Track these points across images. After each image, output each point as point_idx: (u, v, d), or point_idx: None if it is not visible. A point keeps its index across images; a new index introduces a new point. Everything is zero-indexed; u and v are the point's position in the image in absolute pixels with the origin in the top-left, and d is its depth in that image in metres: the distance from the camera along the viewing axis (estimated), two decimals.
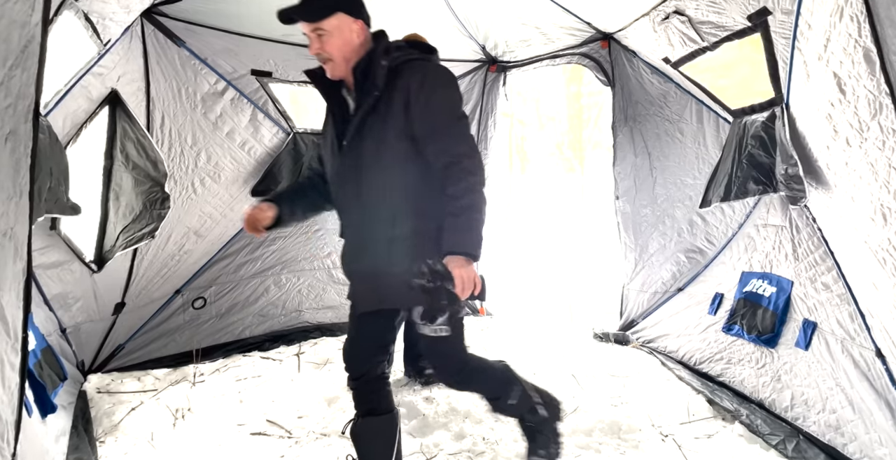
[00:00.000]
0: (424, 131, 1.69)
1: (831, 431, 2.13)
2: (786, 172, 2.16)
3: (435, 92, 1.72)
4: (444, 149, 1.69)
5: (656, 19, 2.89)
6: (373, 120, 1.70)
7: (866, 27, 1.62)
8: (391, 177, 1.72)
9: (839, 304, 2.19)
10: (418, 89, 1.68)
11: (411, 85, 1.69)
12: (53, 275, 2.66)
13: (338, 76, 1.77)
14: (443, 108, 1.73)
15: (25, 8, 1.05)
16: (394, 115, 1.69)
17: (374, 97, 1.70)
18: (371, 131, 1.71)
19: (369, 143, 1.72)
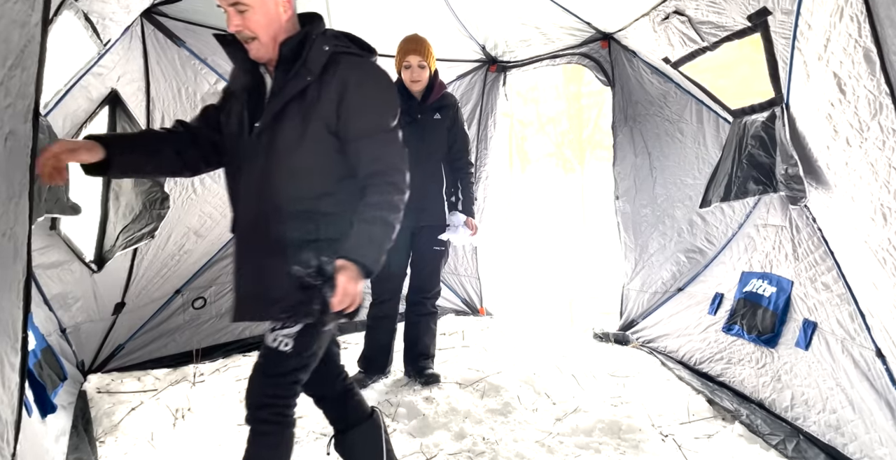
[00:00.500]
0: (356, 133, 1.55)
1: (831, 431, 2.13)
2: (786, 172, 2.16)
3: (375, 93, 1.58)
4: (376, 157, 1.55)
5: (656, 19, 2.89)
6: (296, 107, 1.53)
7: (866, 27, 1.62)
8: (306, 173, 1.55)
9: (839, 304, 2.19)
10: (357, 86, 1.54)
11: (349, 79, 1.53)
12: (53, 275, 2.66)
13: (263, 58, 1.56)
14: (380, 113, 1.59)
15: (25, 8, 1.05)
16: (323, 107, 1.52)
17: (305, 83, 1.52)
18: (291, 120, 1.53)
19: (288, 133, 1.54)
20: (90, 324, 3.01)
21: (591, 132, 11.61)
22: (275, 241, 1.53)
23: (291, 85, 1.53)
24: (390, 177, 1.55)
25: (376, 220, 1.49)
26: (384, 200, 1.52)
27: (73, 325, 2.86)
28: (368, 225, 1.49)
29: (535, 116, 13.13)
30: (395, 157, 1.58)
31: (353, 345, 3.80)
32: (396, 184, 1.55)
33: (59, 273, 2.70)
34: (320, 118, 1.53)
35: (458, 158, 3.02)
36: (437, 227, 2.96)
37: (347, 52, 1.58)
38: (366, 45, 1.68)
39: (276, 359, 1.58)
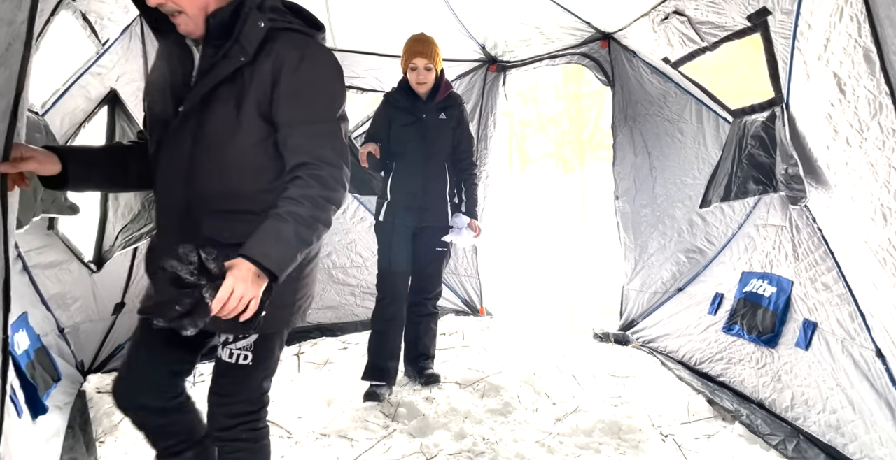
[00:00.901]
0: (286, 121, 1.35)
1: (832, 431, 2.13)
2: (786, 172, 2.16)
3: (316, 76, 1.37)
4: (304, 148, 1.35)
5: (656, 19, 2.89)
6: (228, 91, 1.34)
7: (866, 27, 1.62)
8: (241, 167, 1.37)
9: (839, 304, 2.19)
10: (294, 67, 1.34)
11: (286, 59, 1.34)
12: (51, 275, 2.65)
13: (194, 34, 1.36)
14: (319, 99, 1.38)
15: (12, 6, 1.04)
16: (257, 89, 1.34)
17: (238, 63, 1.33)
18: (223, 105, 1.34)
19: (219, 119, 1.35)
20: (89, 324, 3.00)
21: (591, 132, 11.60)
22: (209, 240, 1.32)
23: (222, 65, 1.34)
24: (317, 170, 1.33)
25: (289, 217, 1.28)
26: (304, 195, 1.31)
27: (71, 325, 2.85)
28: (278, 221, 1.28)
29: (535, 116, 13.13)
30: (325, 149, 1.36)
31: (352, 344, 3.80)
32: (322, 178, 1.33)
33: (57, 273, 2.69)
34: (254, 104, 1.34)
35: (462, 159, 2.98)
36: (440, 228, 2.91)
37: (288, 28, 1.39)
38: (313, 20, 1.49)
39: (237, 376, 1.45)
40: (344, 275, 4.21)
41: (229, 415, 1.49)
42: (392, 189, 2.88)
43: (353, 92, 3.93)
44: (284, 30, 1.38)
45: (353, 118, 4.17)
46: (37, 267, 2.53)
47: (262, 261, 1.22)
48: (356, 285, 4.24)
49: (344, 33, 3.60)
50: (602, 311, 4.34)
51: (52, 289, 2.66)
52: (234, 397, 1.49)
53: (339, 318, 4.08)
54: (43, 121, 2.22)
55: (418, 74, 2.82)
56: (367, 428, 2.58)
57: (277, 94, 1.35)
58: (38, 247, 2.55)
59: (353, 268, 4.20)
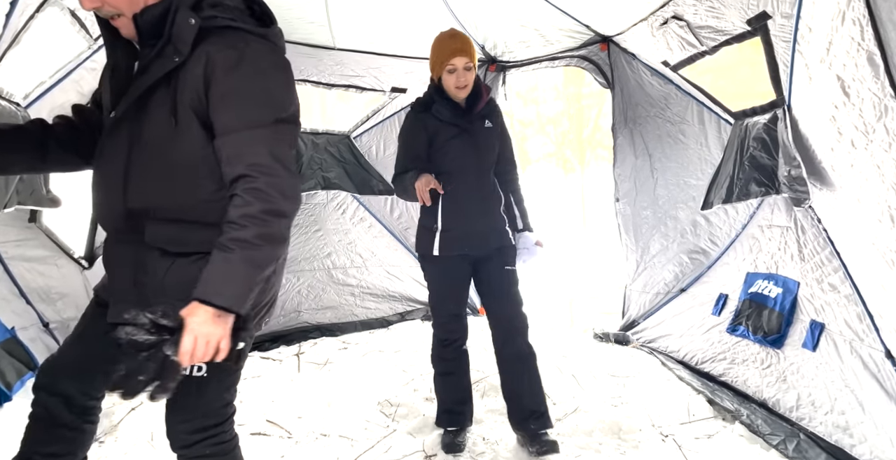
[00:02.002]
0: (222, 126, 1.24)
1: (839, 432, 2.13)
2: (788, 174, 2.16)
3: (252, 78, 1.25)
4: (239, 157, 1.22)
5: (655, 24, 2.89)
6: (164, 94, 1.25)
7: (869, 30, 1.63)
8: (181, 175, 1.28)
9: (847, 305, 2.19)
10: (228, 69, 1.23)
11: (219, 59, 1.23)
12: (32, 269, 2.61)
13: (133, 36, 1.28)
14: (255, 101, 1.25)
15: None
16: (190, 92, 1.24)
17: (172, 64, 1.23)
18: (159, 108, 1.26)
19: (155, 124, 1.26)
20: None
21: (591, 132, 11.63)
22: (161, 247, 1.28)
23: (156, 65, 1.24)
24: (253, 183, 1.20)
25: (234, 245, 1.17)
26: (244, 215, 1.19)
27: (58, 321, 2.80)
28: (224, 252, 1.17)
29: (536, 116, 13.14)
30: (260, 157, 1.22)
31: (352, 344, 3.80)
32: (260, 191, 1.20)
33: (39, 267, 2.64)
34: (190, 108, 1.24)
35: (508, 169, 2.58)
36: (505, 249, 2.46)
37: (226, 26, 1.27)
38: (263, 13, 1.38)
39: (194, 389, 1.32)
40: (344, 275, 4.20)
41: (189, 431, 1.37)
42: (445, 216, 2.37)
43: (354, 91, 3.93)
44: (221, 28, 1.27)
45: (353, 117, 4.17)
46: (15, 259, 2.49)
47: (215, 301, 1.14)
48: (356, 285, 4.23)
49: (343, 33, 3.60)
50: (602, 311, 4.35)
51: (32, 283, 2.61)
52: (193, 412, 1.37)
53: (339, 318, 4.08)
54: (23, 112, 2.19)
55: (458, 77, 2.34)
56: (367, 428, 2.58)
57: (211, 98, 1.24)
58: (16, 239, 2.51)
59: (353, 268, 4.20)
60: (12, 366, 2.19)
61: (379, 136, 4.27)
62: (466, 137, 2.39)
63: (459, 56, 2.33)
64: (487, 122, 2.45)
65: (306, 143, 3.95)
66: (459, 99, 2.40)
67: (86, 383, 1.42)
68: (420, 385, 3.05)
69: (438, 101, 2.40)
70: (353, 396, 2.89)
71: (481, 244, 2.39)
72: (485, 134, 2.43)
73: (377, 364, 3.40)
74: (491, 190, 2.46)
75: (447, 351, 2.47)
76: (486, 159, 2.44)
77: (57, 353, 1.47)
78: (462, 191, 2.37)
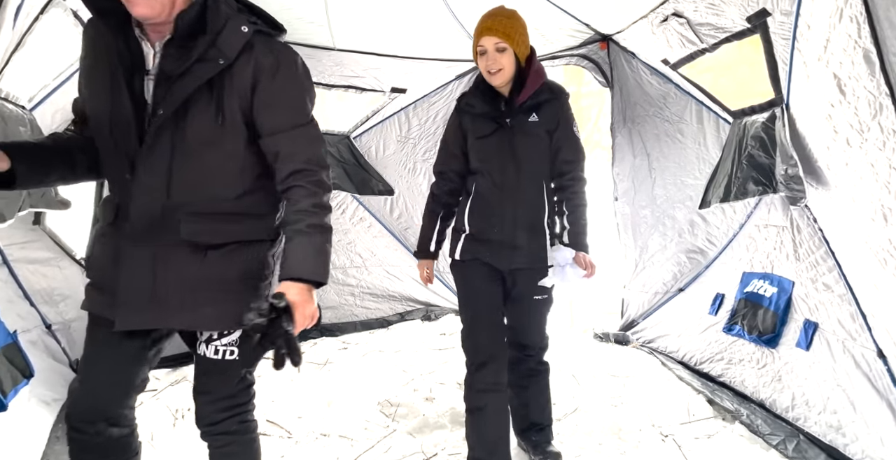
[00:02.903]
0: (271, 128, 1.37)
1: (833, 431, 2.13)
2: (786, 173, 2.17)
3: (290, 82, 1.39)
4: (297, 154, 1.37)
5: (655, 22, 2.89)
6: (207, 95, 1.32)
7: (866, 28, 1.63)
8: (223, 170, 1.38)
9: (840, 305, 2.19)
10: (273, 73, 1.35)
11: (264, 65, 1.34)
12: (36, 271, 2.62)
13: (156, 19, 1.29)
14: (297, 104, 1.40)
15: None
16: (238, 95, 1.33)
17: (218, 67, 1.30)
18: (204, 109, 1.32)
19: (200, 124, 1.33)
20: (82, 322, 2.97)
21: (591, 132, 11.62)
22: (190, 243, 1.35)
23: (200, 68, 1.30)
24: (315, 176, 1.38)
25: (315, 229, 1.34)
26: (315, 204, 1.36)
27: (61, 322, 2.82)
28: (307, 236, 1.33)
29: None
30: (316, 153, 1.40)
31: (352, 344, 3.81)
32: (323, 182, 1.39)
33: (42, 268, 2.65)
34: (237, 109, 1.34)
35: (564, 173, 2.14)
36: (537, 271, 2.12)
37: (261, 32, 1.38)
38: (274, 21, 1.47)
39: (223, 372, 1.46)
40: (344, 275, 4.21)
41: (218, 411, 1.50)
42: (470, 218, 2.13)
43: (353, 92, 3.94)
44: (259, 33, 1.37)
45: (353, 118, 4.17)
46: (19, 261, 2.51)
47: (310, 277, 1.31)
48: (356, 285, 4.24)
49: (343, 33, 3.60)
50: (602, 311, 4.34)
51: (36, 285, 2.63)
52: (222, 392, 1.50)
53: (338, 318, 4.08)
54: (29, 115, 2.20)
55: (487, 60, 2.02)
56: (367, 428, 2.58)
57: (258, 101, 1.35)
58: (21, 241, 2.52)
59: (353, 268, 4.21)
60: (10, 374, 2.20)
61: (379, 137, 4.28)
62: (503, 134, 2.07)
63: (488, 35, 2.00)
64: (534, 116, 2.08)
65: None
66: (498, 86, 2.08)
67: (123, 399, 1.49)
68: (420, 385, 3.06)
69: (473, 92, 2.15)
70: (353, 396, 2.89)
71: (507, 258, 2.08)
72: (527, 129, 2.08)
73: (377, 364, 3.40)
74: (530, 197, 2.10)
75: (476, 379, 2.06)
76: (527, 160, 2.08)
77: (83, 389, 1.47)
78: (492, 195, 2.09)
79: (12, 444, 1.96)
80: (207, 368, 1.48)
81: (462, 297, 2.20)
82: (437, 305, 4.43)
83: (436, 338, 3.89)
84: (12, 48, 1.93)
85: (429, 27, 3.58)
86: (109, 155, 1.38)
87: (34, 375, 2.40)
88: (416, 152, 4.33)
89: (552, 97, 2.11)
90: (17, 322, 2.44)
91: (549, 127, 2.11)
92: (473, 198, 2.14)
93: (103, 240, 1.43)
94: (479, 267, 2.11)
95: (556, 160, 2.14)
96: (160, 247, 1.35)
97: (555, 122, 2.11)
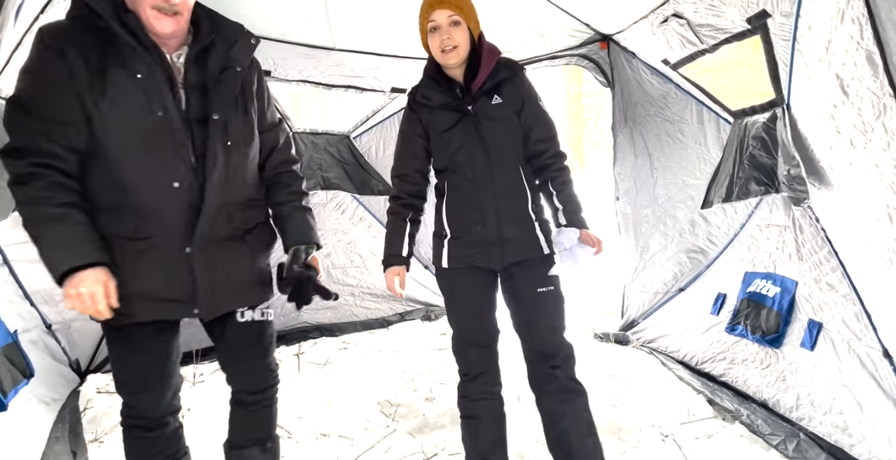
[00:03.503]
0: (269, 124, 1.69)
1: (838, 432, 2.13)
2: (788, 173, 2.16)
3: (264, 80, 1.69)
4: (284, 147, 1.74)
5: (655, 22, 2.89)
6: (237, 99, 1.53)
7: (868, 29, 1.63)
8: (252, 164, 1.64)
9: (844, 304, 2.19)
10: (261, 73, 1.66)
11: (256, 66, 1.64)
12: (36, 270, 2.62)
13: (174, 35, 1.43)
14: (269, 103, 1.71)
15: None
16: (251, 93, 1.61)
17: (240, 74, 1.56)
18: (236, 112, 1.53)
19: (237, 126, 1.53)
20: (83, 323, 2.97)
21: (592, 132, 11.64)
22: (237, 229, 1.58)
23: (228, 76, 1.52)
24: (296, 164, 1.77)
25: (306, 206, 1.74)
26: (301, 186, 1.76)
27: (61, 322, 2.82)
28: (304, 212, 1.72)
29: None
30: (291, 146, 1.78)
31: (352, 344, 3.81)
32: (299, 169, 1.79)
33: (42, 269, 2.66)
34: (253, 109, 1.60)
35: (540, 152, 1.96)
36: (536, 262, 1.93)
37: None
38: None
39: (265, 330, 1.71)
40: (343, 275, 4.21)
41: (269, 368, 1.74)
42: (449, 219, 1.96)
43: (353, 92, 3.93)
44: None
45: (353, 118, 4.17)
46: (20, 261, 2.51)
47: (318, 241, 1.72)
48: (356, 285, 4.24)
49: (343, 33, 3.59)
50: (602, 311, 4.34)
51: (37, 285, 2.63)
52: (269, 348, 1.73)
53: (338, 318, 4.08)
54: None
55: (441, 36, 1.83)
56: (367, 428, 2.58)
57: (256, 98, 1.62)
58: (21, 241, 2.50)
59: (353, 268, 4.20)
60: (10, 374, 2.20)
61: (378, 137, 4.27)
62: (467, 123, 1.88)
63: (440, 8, 1.82)
64: (496, 98, 1.90)
65: (306, 144, 3.95)
66: (452, 68, 1.90)
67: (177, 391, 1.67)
68: (420, 385, 3.06)
69: (425, 83, 1.95)
70: (353, 396, 2.89)
71: (498, 255, 1.90)
72: (492, 113, 1.89)
73: (377, 364, 3.40)
74: (509, 185, 1.92)
75: (468, 389, 1.98)
76: (497, 146, 1.89)
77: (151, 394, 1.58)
78: (468, 190, 1.91)
79: (12, 444, 1.96)
80: (253, 331, 1.68)
81: (449, 310, 2.04)
82: (436, 305, 4.43)
83: (436, 338, 3.89)
84: (13, 48, 1.93)
85: None
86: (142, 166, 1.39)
87: (34, 375, 2.40)
88: None
89: (511, 74, 1.93)
90: (18, 322, 2.43)
91: (515, 107, 1.92)
92: (448, 197, 1.95)
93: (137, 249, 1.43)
94: (468, 275, 1.95)
95: (528, 140, 1.95)
96: (216, 240, 1.51)
97: (519, 101, 1.93)
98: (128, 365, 1.53)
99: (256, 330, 1.68)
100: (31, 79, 1.34)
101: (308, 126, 3.95)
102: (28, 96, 1.33)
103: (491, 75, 1.89)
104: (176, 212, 1.43)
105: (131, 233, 1.41)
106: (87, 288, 1.31)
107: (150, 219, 1.42)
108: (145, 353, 1.53)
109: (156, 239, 1.43)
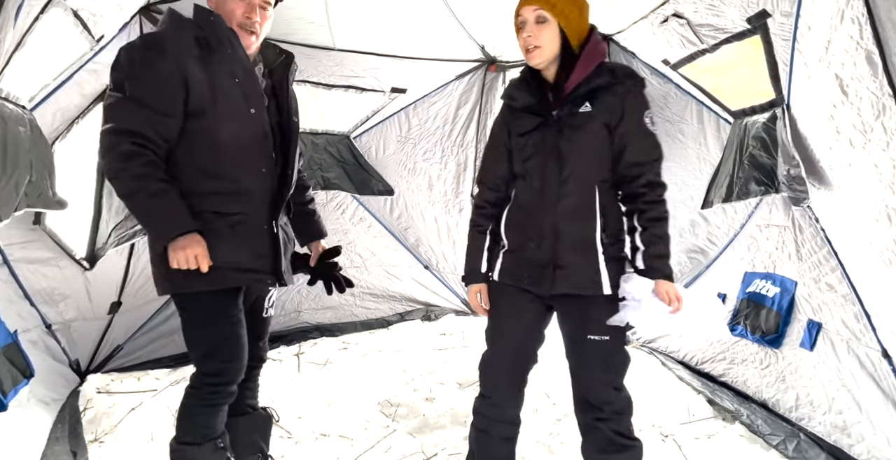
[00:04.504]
0: None
1: (837, 432, 2.13)
2: (788, 173, 2.17)
3: None
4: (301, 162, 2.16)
5: (655, 22, 2.89)
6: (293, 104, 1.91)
7: (868, 29, 1.63)
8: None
9: (844, 305, 2.19)
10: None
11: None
12: (36, 271, 2.62)
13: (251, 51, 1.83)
14: None
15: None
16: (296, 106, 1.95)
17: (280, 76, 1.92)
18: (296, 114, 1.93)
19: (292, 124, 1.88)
20: (83, 323, 2.98)
21: None
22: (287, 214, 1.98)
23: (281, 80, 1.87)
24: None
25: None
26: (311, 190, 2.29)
27: (61, 322, 2.81)
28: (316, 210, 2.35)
29: None
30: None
31: (352, 344, 3.80)
32: None
33: (42, 268, 2.65)
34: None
35: (632, 178, 1.70)
36: (593, 302, 1.68)
37: None
38: None
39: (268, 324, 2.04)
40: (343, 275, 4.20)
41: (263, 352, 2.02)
42: (507, 230, 1.78)
43: (353, 92, 3.93)
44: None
45: (353, 118, 4.16)
46: (20, 261, 2.51)
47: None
48: (356, 285, 4.22)
49: (343, 33, 3.59)
50: None
51: (36, 285, 2.63)
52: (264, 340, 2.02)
53: (338, 318, 4.08)
54: (29, 115, 2.20)
55: (524, 34, 1.66)
56: (367, 428, 2.58)
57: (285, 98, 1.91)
58: (21, 241, 2.52)
59: (353, 268, 4.19)
60: (10, 374, 2.20)
61: (378, 137, 4.27)
62: (546, 129, 1.68)
63: (527, 3, 1.65)
64: (586, 106, 1.65)
65: (306, 143, 3.94)
66: (540, 68, 1.70)
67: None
68: (420, 385, 3.06)
69: (517, 81, 1.78)
70: (353, 396, 2.89)
71: (548, 281, 1.67)
72: (576, 123, 1.65)
73: (377, 364, 3.40)
74: (580, 205, 1.67)
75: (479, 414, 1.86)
76: (574, 160, 1.66)
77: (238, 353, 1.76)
78: (533, 202, 1.71)
79: (12, 444, 1.96)
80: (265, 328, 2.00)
81: (488, 327, 1.84)
82: (437, 305, 4.42)
83: (436, 338, 3.89)
84: (13, 48, 1.93)
85: (429, 27, 3.58)
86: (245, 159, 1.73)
87: (34, 375, 2.40)
88: (416, 152, 4.32)
89: (614, 81, 1.66)
90: (18, 322, 2.43)
91: (608, 119, 1.66)
92: (511, 206, 1.78)
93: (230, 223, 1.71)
94: (515, 298, 1.75)
95: (620, 162, 1.69)
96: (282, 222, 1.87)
97: (616, 114, 1.66)
98: (221, 332, 1.73)
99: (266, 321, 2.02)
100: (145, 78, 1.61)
101: (308, 126, 3.94)
102: (143, 94, 1.59)
103: (588, 79, 1.65)
104: (261, 194, 1.76)
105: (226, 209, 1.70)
106: (193, 249, 1.57)
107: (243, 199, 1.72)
108: (235, 323, 1.74)
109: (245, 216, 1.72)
